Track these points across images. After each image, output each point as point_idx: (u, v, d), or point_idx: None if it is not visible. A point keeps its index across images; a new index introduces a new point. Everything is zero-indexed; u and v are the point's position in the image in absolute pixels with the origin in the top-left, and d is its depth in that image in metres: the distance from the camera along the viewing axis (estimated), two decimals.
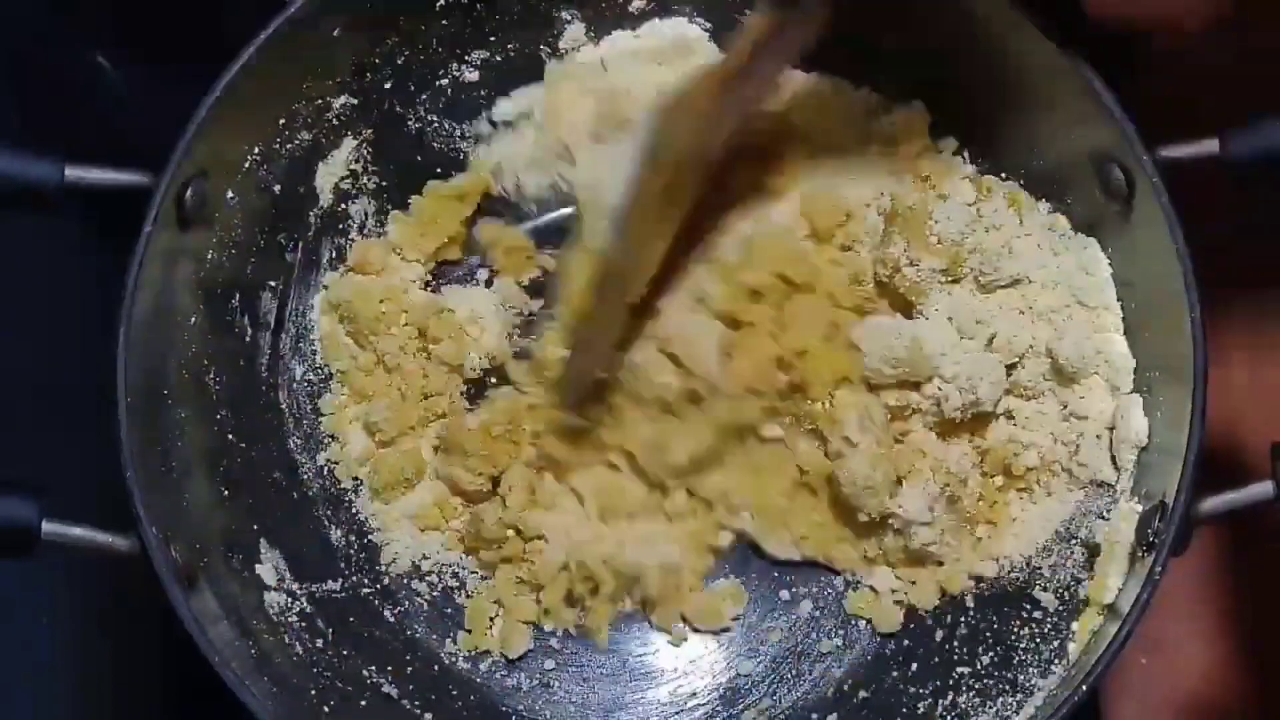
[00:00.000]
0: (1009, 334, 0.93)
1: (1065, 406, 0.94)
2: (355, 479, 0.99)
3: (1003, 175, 0.97)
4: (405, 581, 0.98)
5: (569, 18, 1.00)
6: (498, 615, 0.98)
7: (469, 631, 0.97)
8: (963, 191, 0.96)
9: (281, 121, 0.94)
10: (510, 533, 0.96)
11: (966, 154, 0.98)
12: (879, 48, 0.96)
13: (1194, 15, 1.02)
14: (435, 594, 0.98)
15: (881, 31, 0.96)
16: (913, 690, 0.95)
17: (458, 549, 0.98)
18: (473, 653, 0.97)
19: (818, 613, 0.98)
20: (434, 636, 0.98)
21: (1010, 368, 0.94)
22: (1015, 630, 0.93)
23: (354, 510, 0.99)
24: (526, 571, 0.97)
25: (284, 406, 0.98)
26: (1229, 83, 1.01)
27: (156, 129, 0.88)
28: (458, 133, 1.02)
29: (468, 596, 0.98)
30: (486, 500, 0.97)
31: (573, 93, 1.00)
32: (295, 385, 0.99)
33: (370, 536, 0.98)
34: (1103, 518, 0.92)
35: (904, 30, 0.95)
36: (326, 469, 0.99)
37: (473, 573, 0.98)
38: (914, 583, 0.96)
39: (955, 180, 0.97)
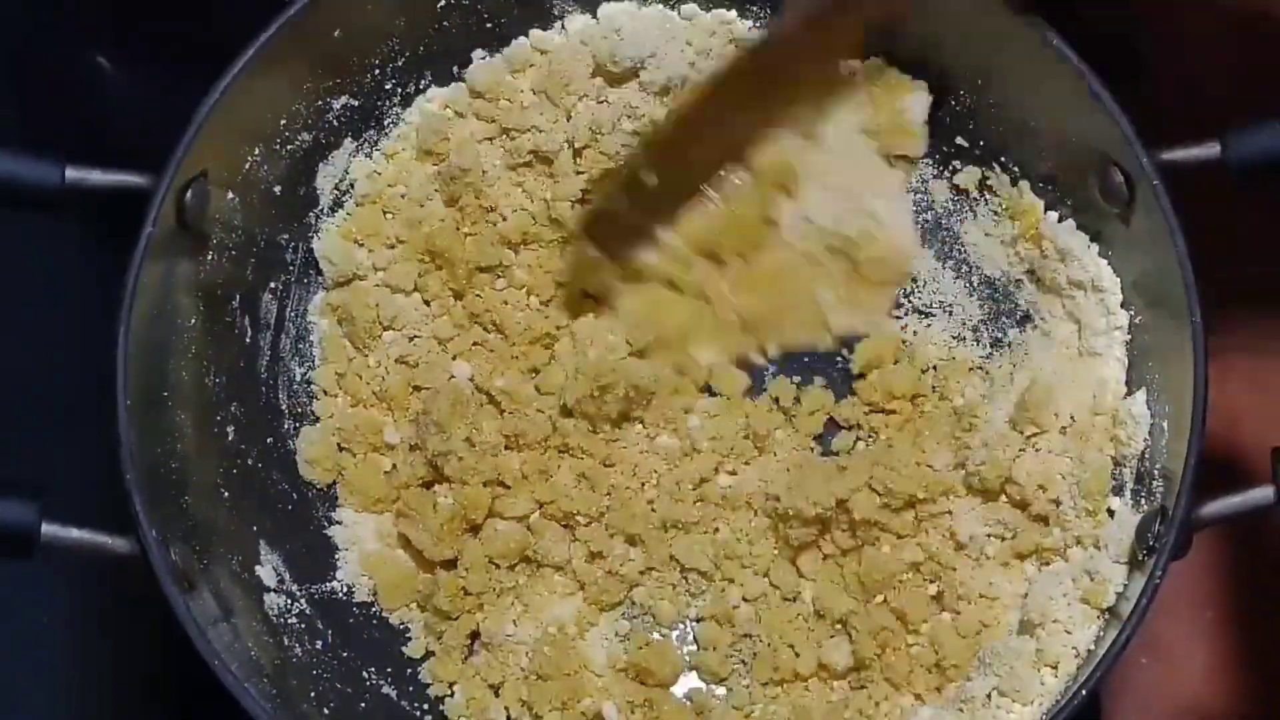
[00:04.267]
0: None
1: None
2: None
3: (1013, 178, 0.96)
4: None
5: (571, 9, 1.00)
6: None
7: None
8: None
9: (281, 122, 0.94)
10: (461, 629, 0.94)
11: (968, 145, 0.98)
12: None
13: (1194, 16, 1.01)
14: None
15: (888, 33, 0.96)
16: None
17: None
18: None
19: None
20: None
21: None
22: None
23: None
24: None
25: (284, 408, 0.98)
26: (1230, 85, 1.01)
27: (156, 129, 0.87)
28: None
29: None
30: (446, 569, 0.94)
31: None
32: (295, 386, 0.99)
33: None
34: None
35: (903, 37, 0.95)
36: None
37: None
38: None
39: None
